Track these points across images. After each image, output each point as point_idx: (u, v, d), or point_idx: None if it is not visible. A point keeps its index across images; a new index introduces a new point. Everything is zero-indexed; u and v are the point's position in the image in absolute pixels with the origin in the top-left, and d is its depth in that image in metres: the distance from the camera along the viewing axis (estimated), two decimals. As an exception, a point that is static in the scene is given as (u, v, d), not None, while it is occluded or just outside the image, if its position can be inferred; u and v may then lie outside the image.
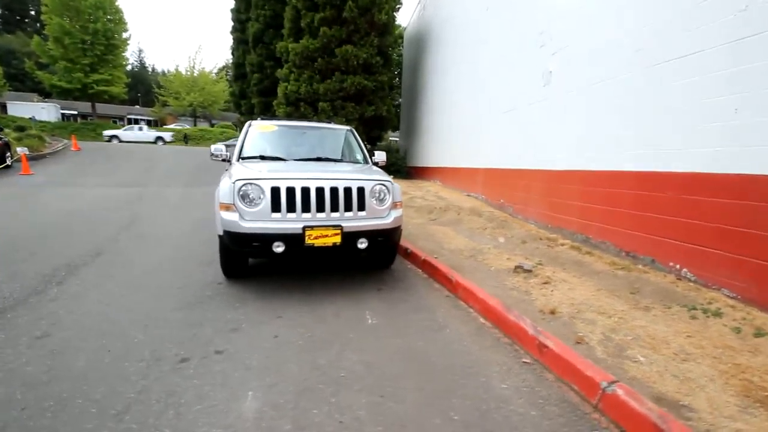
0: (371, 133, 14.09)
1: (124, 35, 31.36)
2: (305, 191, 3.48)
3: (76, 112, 40.65)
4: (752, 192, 3.05)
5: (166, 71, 56.24)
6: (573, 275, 4.00)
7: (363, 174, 3.89)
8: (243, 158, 4.43)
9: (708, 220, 3.38)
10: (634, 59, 4.25)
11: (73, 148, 17.32)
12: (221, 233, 3.52)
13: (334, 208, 3.55)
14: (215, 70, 43.53)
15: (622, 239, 4.36)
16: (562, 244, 5.11)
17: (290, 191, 3.45)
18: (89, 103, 33.25)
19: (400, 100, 18.17)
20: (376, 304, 3.41)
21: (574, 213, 5.16)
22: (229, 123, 43.87)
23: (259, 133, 4.75)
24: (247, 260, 3.97)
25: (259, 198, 3.44)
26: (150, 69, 66.81)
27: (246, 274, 3.98)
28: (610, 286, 3.68)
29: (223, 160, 4.63)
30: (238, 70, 18.88)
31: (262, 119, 5.19)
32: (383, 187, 3.80)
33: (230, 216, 3.41)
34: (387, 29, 13.14)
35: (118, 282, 3.84)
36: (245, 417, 1.93)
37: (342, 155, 4.78)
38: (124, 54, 32.22)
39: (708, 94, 3.44)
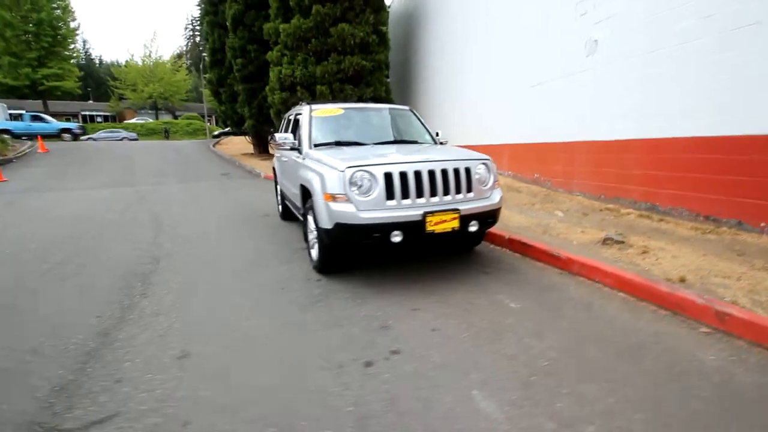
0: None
1: (72, 24, 28.84)
2: (417, 175, 3.27)
3: (23, 112, 37.26)
4: None
5: (116, 62, 52.51)
6: (665, 243, 4.03)
7: (457, 154, 3.71)
8: (317, 145, 4.13)
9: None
10: (703, 25, 4.25)
11: (40, 150, 15.90)
12: (328, 226, 3.26)
13: (447, 191, 3.37)
14: (172, 59, 40.98)
15: (698, 204, 4.44)
16: (628, 214, 5.17)
17: (403, 176, 3.24)
18: (40, 101, 30.50)
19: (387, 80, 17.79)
20: (500, 287, 3.30)
21: (634, 182, 5.21)
22: (195, 114, 41.78)
23: (324, 118, 4.44)
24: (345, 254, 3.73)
25: (372, 185, 3.20)
26: (97, 61, 62.08)
27: (344, 268, 3.74)
28: (712, 250, 3.73)
29: (291, 149, 4.30)
30: (215, 56, 17.73)
31: (308, 104, 4.89)
32: (485, 167, 3.64)
33: (343, 207, 3.16)
34: (381, 5, 12.69)
35: (210, 285, 3.53)
36: (497, 419, 1.78)
37: (414, 136, 4.56)
38: (74, 45, 29.68)
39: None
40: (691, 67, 4.43)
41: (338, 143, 4.18)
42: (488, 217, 3.53)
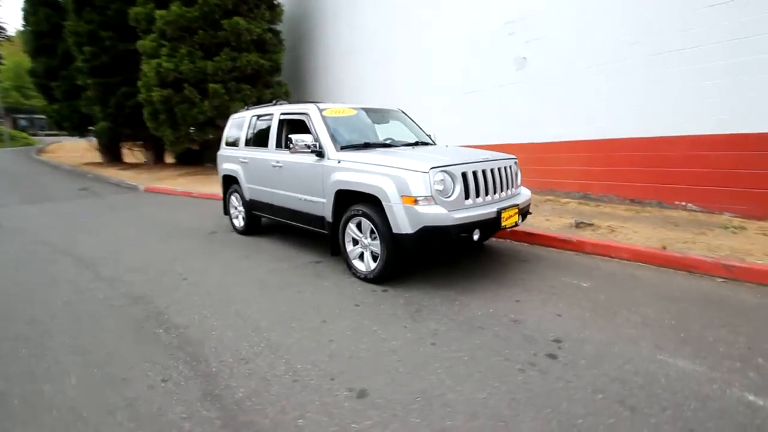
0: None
1: None
2: (485, 174, 3.42)
3: None
4: (745, 144, 4.60)
5: None
6: (620, 222, 5.06)
7: (494, 154, 3.95)
8: (344, 148, 3.84)
9: (711, 167, 4.88)
10: (628, 50, 5.51)
11: None
12: (409, 231, 3.12)
13: (503, 188, 3.60)
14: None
15: (625, 190, 5.70)
16: (568, 203, 6.25)
17: (475, 176, 3.33)
18: None
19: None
20: (554, 272, 3.67)
21: (570, 176, 6.34)
22: None
23: (338, 118, 4.13)
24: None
25: (452, 186, 3.20)
26: None
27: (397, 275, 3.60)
28: (656, 224, 4.86)
29: (313, 152, 3.87)
30: (40, 41, 13.67)
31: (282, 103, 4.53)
32: (516, 164, 3.99)
33: (432, 209, 3.07)
34: (275, 2, 12.02)
35: (235, 310, 2.97)
36: (698, 371, 2.09)
37: (421, 137, 4.60)
38: None
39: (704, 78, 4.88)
40: (617, 82, 5.66)
41: (367, 145, 3.97)
42: (528, 209, 3.89)
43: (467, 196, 3.27)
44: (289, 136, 3.89)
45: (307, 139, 3.86)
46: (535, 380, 2.12)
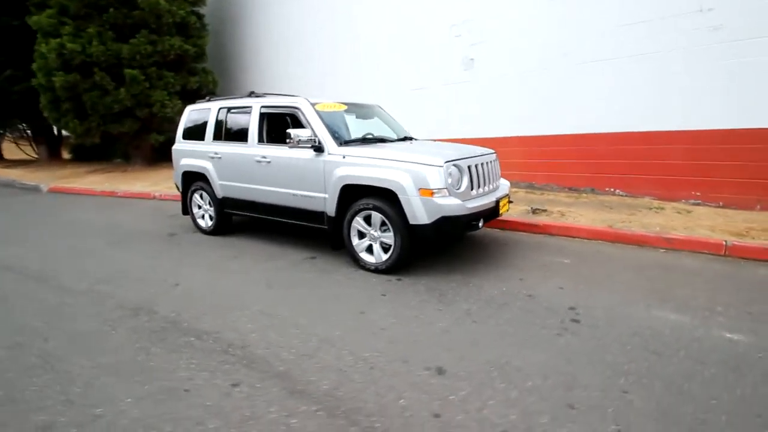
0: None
1: None
2: (483, 167, 3.76)
3: None
4: (649, 140, 5.65)
5: None
6: (566, 207, 5.84)
7: (479, 149, 4.29)
8: (347, 142, 3.89)
9: (631, 158, 5.87)
10: (562, 59, 6.31)
11: None
12: (426, 222, 3.33)
13: (492, 179, 3.98)
14: None
15: (563, 180, 6.56)
16: (516, 192, 6.96)
17: (476, 168, 3.65)
18: None
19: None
20: (535, 254, 4.17)
21: (515, 168, 7.05)
22: None
23: (331, 113, 4.13)
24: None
25: (460, 178, 3.48)
26: None
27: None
28: (595, 208, 5.72)
29: (312, 148, 3.83)
30: None
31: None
32: (497, 158, 4.41)
33: (448, 200, 3.31)
34: (197, -17, 11.08)
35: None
36: (740, 340, 2.67)
37: (403, 132, 4.79)
38: None
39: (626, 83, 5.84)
40: (553, 85, 6.44)
41: (365, 140, 4.05)
42: (510, 200, 4.34)
43: (471, 188, 3.58)
44: (288, 131, 3.80)
45: (304, 134, 3.81)
46: (574, 341, 2.50)
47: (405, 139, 4.54)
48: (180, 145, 5.32)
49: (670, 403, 1.93)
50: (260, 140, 4.41)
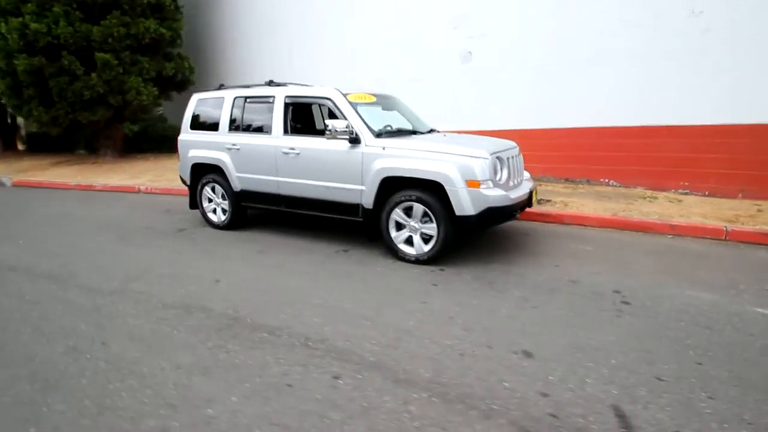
0: (169, 98, 11.24)
1: None
2: (514, 159, 3.90)
3: None
4: (644, 134, 6.06)
5: None
6: (567, 198, 6.16)
7: (507, 142, 4.42)
8: (381, 135, 3.89)
9: (626, 151, 6.27)
10: (556, 56, 6.58)
11: None
12: (472, 212, 3.42)
13: (521, 171, 4.14)
14: None
15: (560, 171, 6.89)
16: (513, 182, 7.23)
17: (510, 161, 3.79)
18: None
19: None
20: (559, 241, 4.40)
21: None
22: None
23: (364, 105, 4.10)
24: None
25: (501, 170, 3.60)
26: None
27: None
28: (594, 198, 6.07)
29: (348, 139, 3.80)
30: None
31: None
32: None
33: (493, 192, 3.43)
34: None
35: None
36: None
37: (427, 125, 4.84)
38: None
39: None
40: (549, 82, 6.71)
41: (400, 131, 4.08)
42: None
43: (509, 179, 3.71)
44: (327, 122, 3.75)
45: (339, 125, 3.78)
46: (634, 321, 2.70)
47: (431, 131, 4.60)
48: (187, 135, 5.07)
49: (739, 371, 2.16)
50: (285, 131, 4.30)
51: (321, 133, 4.10)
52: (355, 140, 3.83)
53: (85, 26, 8.84)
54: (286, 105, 4.31)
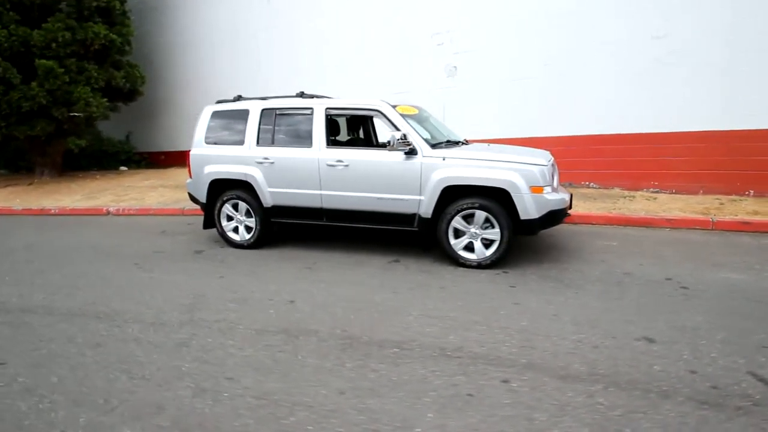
0: (116, 109, 10.18)
1: None
2: (555, 167, 4.23)
3: None
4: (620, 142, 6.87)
5: None
6: (557, 199, 6.73)
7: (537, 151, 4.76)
8: (434, 146, 4.00)
9: (605, 156, 7.03)
10: (541, 70, 7.21)
11: None
12: (535, 216, 3.65)
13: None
14: None
15: (563, 177, 7.47)
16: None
17: (554, 168, 4.11)
18: None
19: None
20: (581, 239, 4.80)
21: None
22: None
23: (408, 116, 4.16)
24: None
25: (553, 176, 3.89)
26: None
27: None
28: (582, 199, 6.69)
29: (407, 151, 3.84)
30: None
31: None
32: (541, 158, 4.94)
33: (553, 196, 3.71)
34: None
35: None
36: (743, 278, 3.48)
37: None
38: None
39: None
40: (534, 93, 7.31)
41: (449, 142, 4.21)
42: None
43: (553, 186, 4.02)
44: (392, 134, 3.75)
45: (396, 137, 3.80)
46: (697, 303, 3.08)
47: (465, 141, 4.79)
48: (202, 149, 4.70)
49: (814, 336, 2.60)
50: (328, 143, 4.21)
51: (368, 144, 4.09)
52: (412, 151, 3.88)
53: (23, 29, 7.75)
54: (327, 117, 4.22)
